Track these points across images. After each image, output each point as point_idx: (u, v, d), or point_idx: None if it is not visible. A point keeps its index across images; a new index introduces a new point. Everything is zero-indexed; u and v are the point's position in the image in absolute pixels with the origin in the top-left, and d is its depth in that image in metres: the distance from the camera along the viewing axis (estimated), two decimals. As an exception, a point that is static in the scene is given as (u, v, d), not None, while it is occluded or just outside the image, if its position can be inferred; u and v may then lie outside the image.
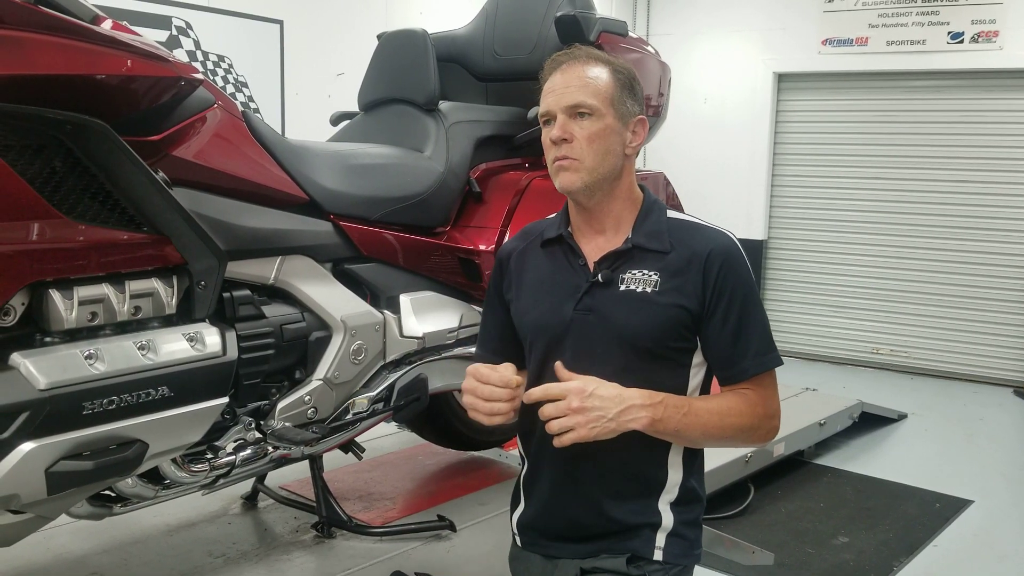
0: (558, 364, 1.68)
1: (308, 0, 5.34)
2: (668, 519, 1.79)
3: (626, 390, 1.65)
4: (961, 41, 6.69)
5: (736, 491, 4.34)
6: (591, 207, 1.79)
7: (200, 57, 4.78)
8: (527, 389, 1.86)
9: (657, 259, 1.75)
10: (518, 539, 1.93)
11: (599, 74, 1.75)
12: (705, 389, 1.82)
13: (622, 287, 1.75)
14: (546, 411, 1.63)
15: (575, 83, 1.73)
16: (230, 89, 4.94)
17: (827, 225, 7.48)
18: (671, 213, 1.83)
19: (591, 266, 1.79)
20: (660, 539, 1.78)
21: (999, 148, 6.76)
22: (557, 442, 1.64)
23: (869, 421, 5.56)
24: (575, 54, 1.79)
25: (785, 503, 4.46)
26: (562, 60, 1.78)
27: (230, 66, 4.97)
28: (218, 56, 4.90)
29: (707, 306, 1.73)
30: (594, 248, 1.80)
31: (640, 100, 1.81)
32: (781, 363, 1.78)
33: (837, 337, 7.55)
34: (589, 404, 1.61)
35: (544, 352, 1.80)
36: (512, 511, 1.95)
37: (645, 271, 1.74)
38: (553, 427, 1.63)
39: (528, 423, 1.85)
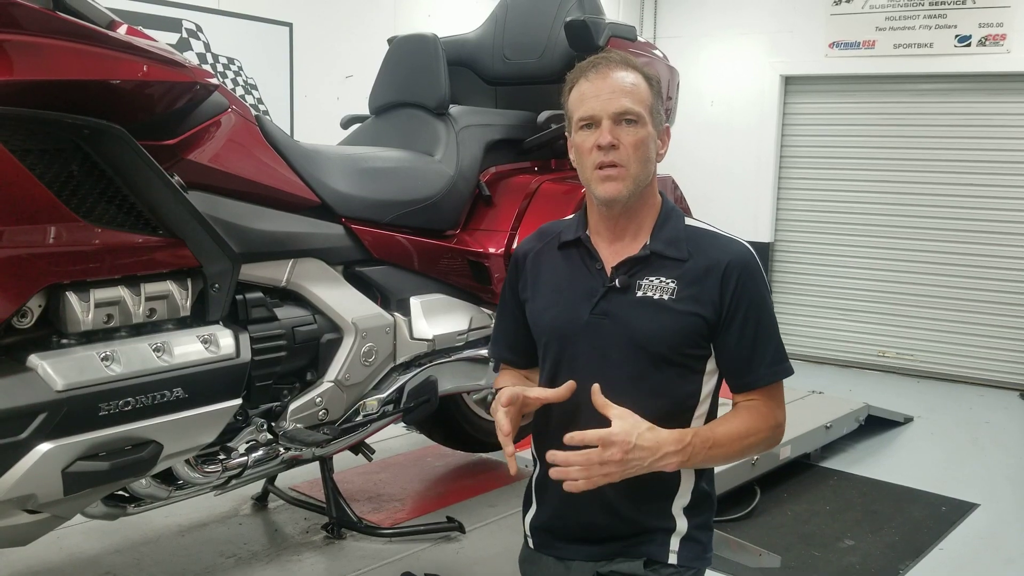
0: (595, 388, 1.65)
1: (317, 3, 5.37)
2: (682, 523, 1.80)
3: (661, 436, 1.63)
4: (968, 45, 6.69)
5: (742, 494, 4.34)
6: (619, 213, 1.79)
7: (210, 60, 4.81)
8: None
9: (675, 267, 1.76)
10: (531, 541, 1.94)
11: (638, 81, 1.75)
12: (716, 395, 1.83)
13: (639, 293, 1.75)
14: (580, 461, 1.61)
15: (619, 88, 1.72)
16: (239, 92, 4.96)
17: (834, 228, 7.48)
18: (688, 220, 1.84)
19: (608, 271, 1.79)
20: (674, 543, 1.79)
21: (1006, 151, 6.75)
22: (570, 487, 1.62)
23: (875, 424, 5.56)
24: (612, 58, 1.78)
25: (791, 506, 4.47)
26: (599, 63, 1.77)
27: (240, 69, 4.99)
28: (228, 59, 4.92)
29: (724, 316, 1.73)
30: (612, 253, 1.81)
31: (664, 107, 1.82)
32: (793, 372, 1.79)
33: (843, 340, 7.55)
34: (631, 456, 1.60)
35: (558, 354, 1.82)
36: (524, 513, 1.96)
37: (662, 278, 1.75)
38: (580, 480, 1.61)
39: (541, 425, 1.87)
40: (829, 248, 7.53)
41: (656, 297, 1.74)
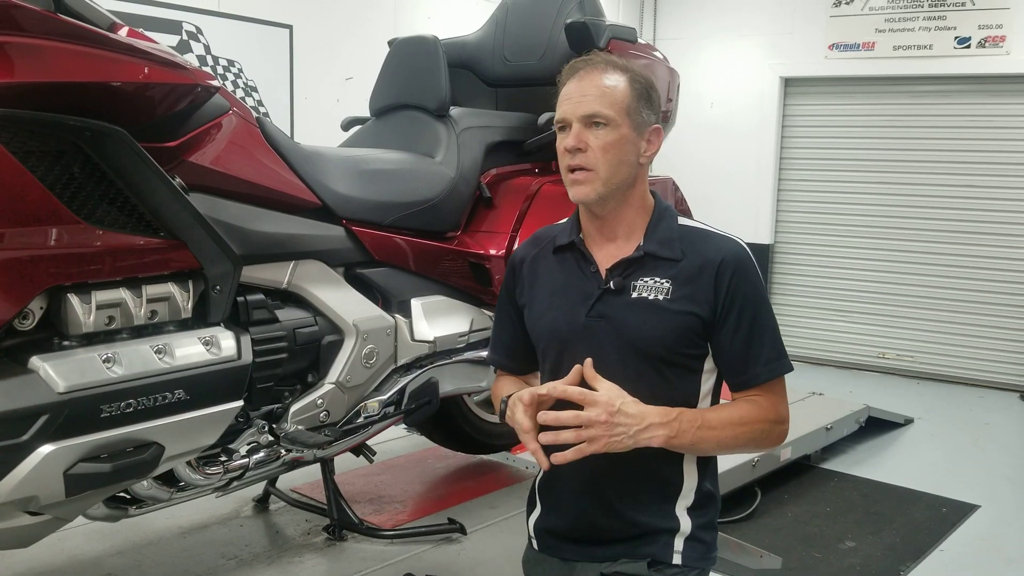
0: (588, 362, 1.69)
1: (317, 5, 5.37)
2: (686, 524, 1.80)
3: (646, 408, 1.66)
4: (968, 46, 6.69)
5: (743, 495, 4.34)
6: (604, 215, 1.79)
7: (210, 62, 4.81)
8: None
9: (669, 267, 1.76)
10: (535, 542, 1.93)
11: (616, 83, 1.74)
12: (716, 393, 1.83)
13: (634, 294, 1.75)
14: (570, 419, 1.63)
15: (591, 92, 1.73)
16: (240, 94, 4.96)
17: (833, 229, 7.49)
18: (682, 220, 1.83)
19: (603, 273, 1.79)
20: (678, 543, 1.79)
21: (1005, 153, 6.76)
22: (558, 458, 1.64)
23: (875, 425, 5.57)
24: (594, 61, 1.78)
25: (792, 507, 4.47)
26: (579, 67, 1.77)
27: (240, 71, 4.99)
28: (228, 61, 4.93)
29: (719, 314, 1.73)
30: (606, 255, 1.81)
31: (656, 108, 1.80)
32: (791, 369, 1.79)
33: (843, 341, 7.56)
34: (616, 420, 1.63)
35: (556, 358, 1.82)
36: (528, 514, 1.96)
37: (657, 279, 1.75)
38: (570, 437, 1.63)
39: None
40: (829, 249, 7.54)
41: (651, 298, 1.74)
